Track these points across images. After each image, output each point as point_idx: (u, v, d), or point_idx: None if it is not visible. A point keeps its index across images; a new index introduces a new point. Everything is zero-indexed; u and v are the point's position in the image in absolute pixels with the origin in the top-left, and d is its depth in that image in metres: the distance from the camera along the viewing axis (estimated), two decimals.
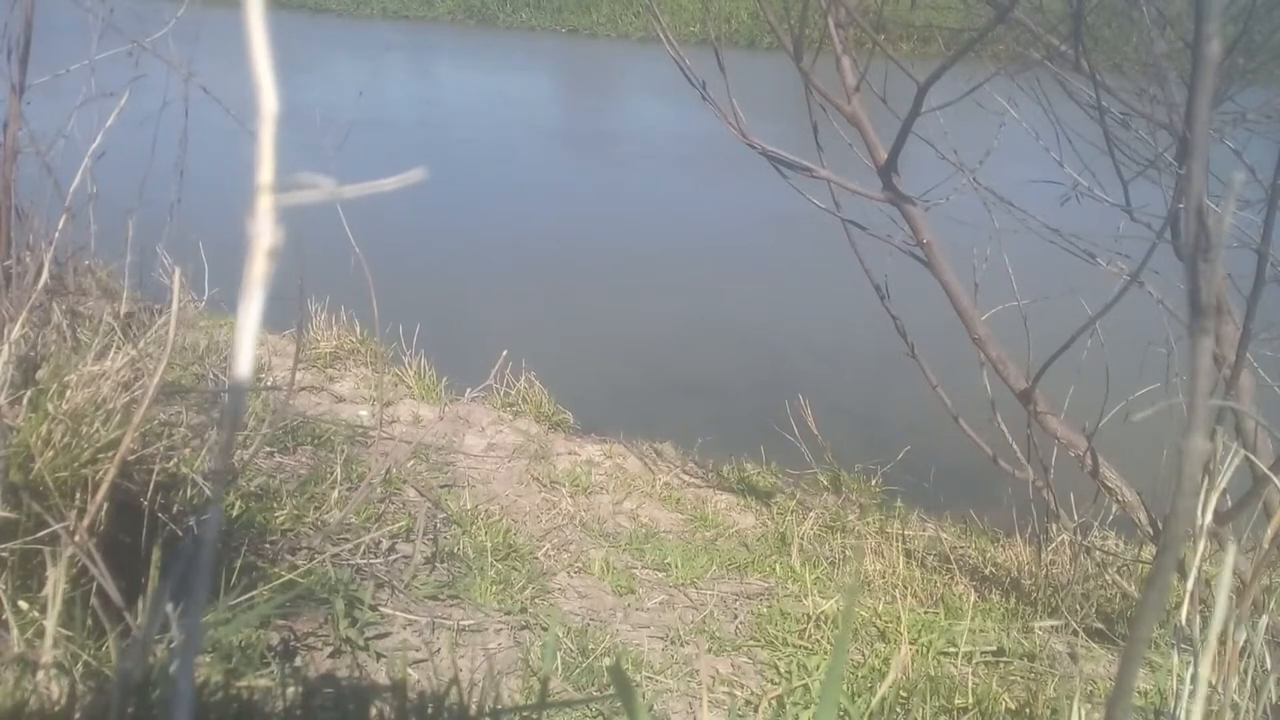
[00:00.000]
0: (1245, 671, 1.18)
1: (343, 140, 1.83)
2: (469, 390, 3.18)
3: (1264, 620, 1.19)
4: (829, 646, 2.11)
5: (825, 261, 3.70)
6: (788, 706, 1.91)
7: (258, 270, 0.31)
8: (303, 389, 3.30)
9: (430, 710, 1.09)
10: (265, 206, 0.31)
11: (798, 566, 2.60)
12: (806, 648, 2.14)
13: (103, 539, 1.32)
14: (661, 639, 2.17)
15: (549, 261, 6.04)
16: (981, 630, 2.19)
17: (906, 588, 2.49)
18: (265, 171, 0.31)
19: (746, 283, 5.84)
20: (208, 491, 1.59)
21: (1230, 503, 1.91)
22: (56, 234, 1.56)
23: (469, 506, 2.63)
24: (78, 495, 1.36)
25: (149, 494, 1.51)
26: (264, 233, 0.31)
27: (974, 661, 2.05)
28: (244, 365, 0.32)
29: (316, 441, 2.67)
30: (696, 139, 8.85)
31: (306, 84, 8.81)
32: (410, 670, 1.74)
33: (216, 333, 2.92)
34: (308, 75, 10.03)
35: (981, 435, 2.48)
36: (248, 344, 0.32)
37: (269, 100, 0.31)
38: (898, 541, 2.87)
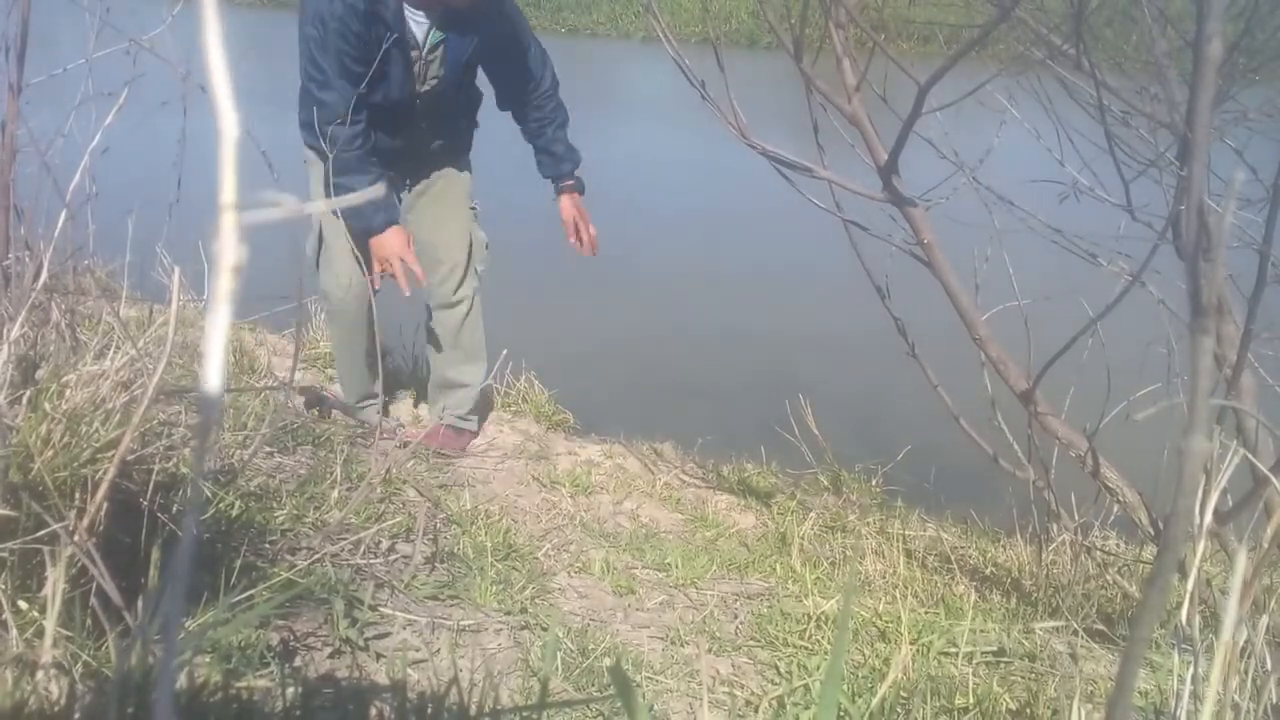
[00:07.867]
0: (1245, 672, 1.18)
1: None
2: None
3: (1264, 620, 1.19)
4: (830, 647, 2.11)
5: (825, 262, 3.70)
6: (788, 707, 1.91)
7: (223, 287, 0.32)
8: (303, 389, 3.30)
9: (430, 711, 1.09)
10: (229, 225, 0.32)
11: (798, 567, 2.60)
12: (807, 648, 2.14)
13: (102, 539, 1.32)
14: (662, 639, 2.17)
15: (547, 261, 6.03)
16: (982, 630, 2.19)
17: (907, 588, 2.49)
18: (227, 191, 0.32)
19: (746, 282, 5.84)
20: (206, 492, 1.59)
21: (1230, 503, 1.91)
22: (56, 233, 1.56)
23: (469, 506, 2.63)
24: (77, 495, 1.36)
25: (149, 494, 1.51)
26: (228, 250, 0.32)
27: (975, 662, 2.05)
28: (213, 378, 0.33)
29: (316, 441, 2.66)
30: (695, 137, 8.84)
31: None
32: (410, 670, 1.74)
33: None
34: None
35: (982, 435, 2.47)
36: (217, 357, 0.33)
37: (229, 122, 0.32)
38: (898, 542, 2.87)
